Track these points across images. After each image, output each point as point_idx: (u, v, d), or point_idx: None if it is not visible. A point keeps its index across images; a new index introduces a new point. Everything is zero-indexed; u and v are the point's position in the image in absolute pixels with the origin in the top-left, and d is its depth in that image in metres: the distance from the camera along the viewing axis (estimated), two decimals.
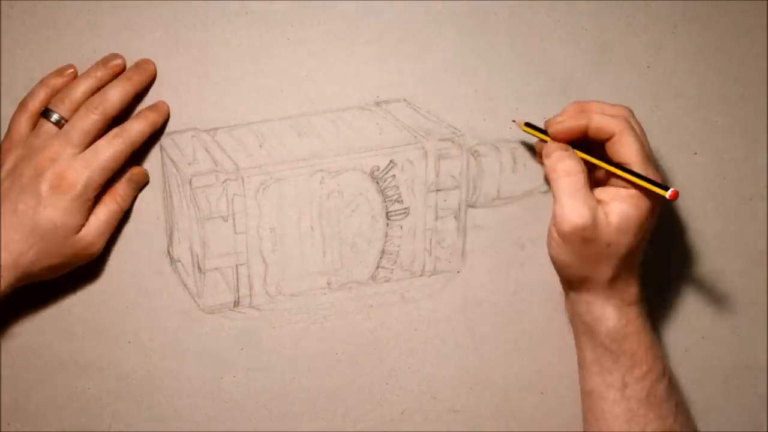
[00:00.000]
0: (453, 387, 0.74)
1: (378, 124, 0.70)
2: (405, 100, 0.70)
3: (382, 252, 0.72)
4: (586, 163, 0.65)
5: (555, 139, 0.65)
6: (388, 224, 0.71)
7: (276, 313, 0.72)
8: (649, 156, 0.63)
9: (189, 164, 0.68)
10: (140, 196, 0.69)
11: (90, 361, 0.71)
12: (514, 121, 0.70)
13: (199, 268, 0.69)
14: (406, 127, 0.70)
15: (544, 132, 0.67)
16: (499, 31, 0.70)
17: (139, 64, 0.67)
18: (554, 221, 0.64)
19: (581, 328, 0.68)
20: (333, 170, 0.69)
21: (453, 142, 0.71)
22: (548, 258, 0.68)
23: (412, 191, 0.71)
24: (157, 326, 0.71)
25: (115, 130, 0.65)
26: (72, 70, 0.66)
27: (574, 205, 0.62)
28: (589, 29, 0.71)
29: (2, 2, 0.67)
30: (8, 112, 0.67)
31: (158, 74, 0.68)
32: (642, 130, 0.65)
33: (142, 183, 0.68)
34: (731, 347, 0.77)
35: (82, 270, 0.69)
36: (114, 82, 0.66)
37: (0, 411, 0.71)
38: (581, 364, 0.69)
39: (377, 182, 0.70)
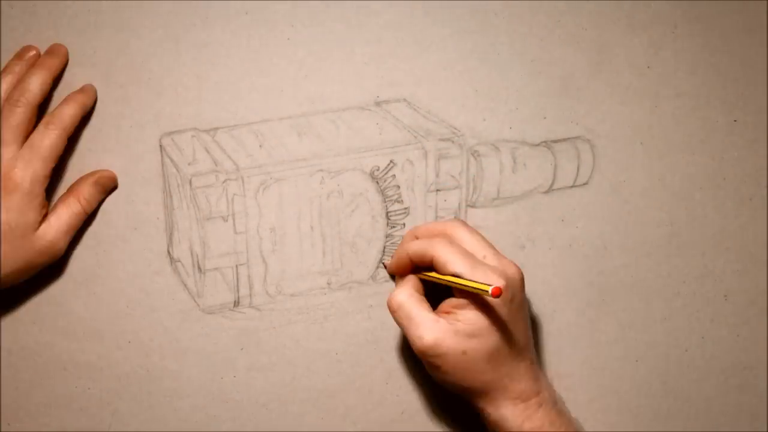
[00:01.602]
0: None
1: (378, 124, 0.70)
2: (405, 100, 0.70)
3: (382, 252, 0.72)
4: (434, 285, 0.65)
5: (394, 274, 0.69)
6: (388, 224, 0.71)
7: (276, 313, 0.72)
8: (472, 260, 0.62)
9: (189, 164, 0.68)
10: (140, 196, 0.69)
11: (90, 361, 0.71)
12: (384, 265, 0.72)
13: (199, 268, 0.69)
14: (406, 127, 0.70)
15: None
16: (499, 31, 0.70)
17: (51, 49, 0.66)
18: (416, 351, 0.64)
19: (487, 428, 0.67)
20: (333, 170, 0.69)
21: (453, 142, 0.71)
22: (548, 258, 0.68)
23: (412, 191, 0.71)
24: (157, 326, 0.71)
25: (46, 118, 0.65)
26: None
27: (411, 332, 0.63)
28: (589, 29, 0.71)
29: (2, 2, 0.67)
30: None
31: (159, 74, 0.68)
32: (471, 233, 0.65)
33: (110, 187, 0.68)
34: (731, 347, 0.77)
35: (82, 270, 0.69)
36: (30, 72, 0.65)
37: (0, 411, 0.71)
38: None
39: (377, 182, 0.70)
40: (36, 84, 0.65)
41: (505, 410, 0.64)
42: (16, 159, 0.63)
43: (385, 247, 0.72)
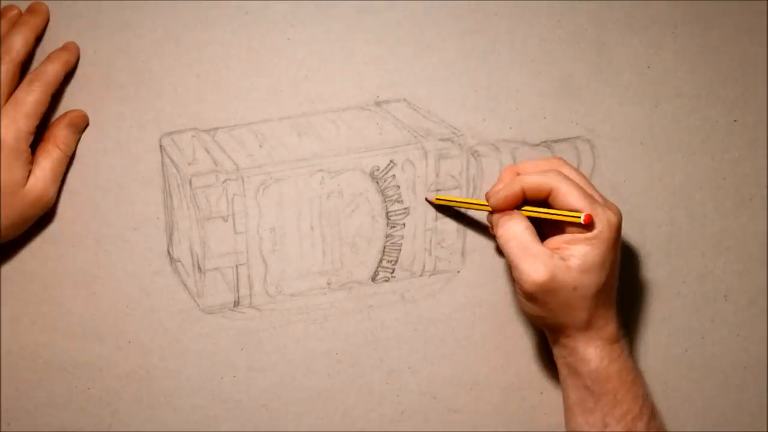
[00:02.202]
0: (453, 387, 0.74)
1: (378, 124, 0.70)
2: (405, 100, 0.70)
3: (382, 252, 0.72)
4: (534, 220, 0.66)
5: (497, 210, 0.66)
6: (388, 224, 0.71)
7: (276, 313, 0.72)
8: (590, 196, 0.64)
9: (189, 164, 0.68)
10: (140, 196, 0.69)
11: (90, 361, 0.71)
12: (426, 199, 0.71)
13: (199, 268, 0.69)
14: (406, 127, 0.70)
15: (455, 201, 0.70)
16: (499, 31, 0.70)
17: (32, 8, 0.67)
18: (517, 284, 0.65)
19: (565, 370, 0.68)
20: (333, 170, 0.69)
21: (453, 142, 0.71)
22: None
23: (412, 191, 0.71)
24: (157, 326, 0.71)
25: (30, 76, 0.65)
26: None
27: (526, 264, 0.63)
28: (589, 29, 0.71)
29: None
30: None
31: (159, 74, 0.68)
32: (577, 172, 0.66)
33: (82, 126, 0.68)
34: (731, 347, 0.77)
35: (82, 270, 0.69)
36: (12, 30, 0.65)
37: (0, 411, 0.71)
38: (566, 405, 0.69)
39: (377, 182, 0.70)
40: (19, 42, 0.65)
41: (594, 349, 0.65)
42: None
43: (385, 247, 0.72)
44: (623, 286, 0.75)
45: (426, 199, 0.71)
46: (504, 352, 0.74)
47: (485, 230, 0.72)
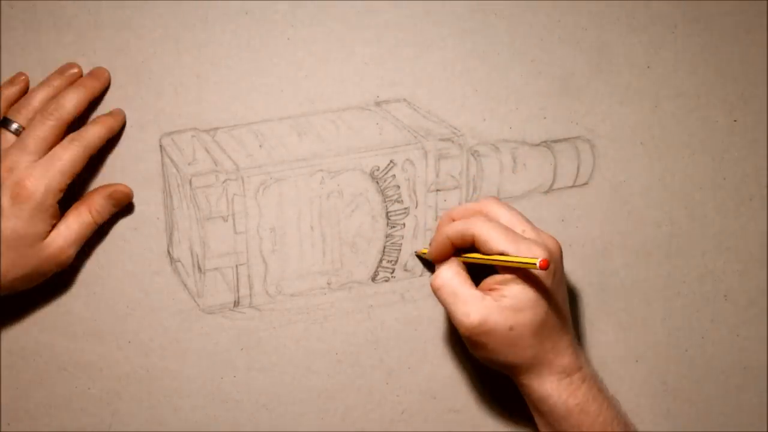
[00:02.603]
0: (453, 387, 0.74)
1: (378, 124, 0.70)
2: (405, 100, 0.70)
3: (382, 252, 0.72)
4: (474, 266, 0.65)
5: (435, 261, 0.67)
6: (388, 224, 0.71)
7: (276, 313, 0.72)
8: (513, 235, 0.63)
9: (189, 164, 0.68)
10: (141, 196, 0.69)
11: (90, 361, 0.71)
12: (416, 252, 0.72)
13: (199, 268, 0.69)
14: (406, 127, 0.70)
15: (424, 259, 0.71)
16: (499, 31, 0.70)
17: (94, 72, 0.67)
18: (457, 328, 0.64)
19: (530, 406, 0.67)
20: (333, 170, 0.69)
21: (453, 142, 0.71)
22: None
23: (412, 191, 0.71)
24: (157, 326, 0.71)
25: (72, 135, 0.65)
26: (24, 77, 0.67)
27: (457, 309, 0.63)
28: (589, 29, 0.71)
29: (2, 2, 0.67)
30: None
31: (159, 74, 0.68)
32: (507, 208, 0.66)
33: (123, 203, 0.68)
34: (731, 347, 0.77)
35: (82, 270, 0.69)
36: (69, 89, 0.66)
37: (0, 411, 0.71)
38: None
39: (377, 182, 0.70)
40: (71, 102, 0.65)
41: (549, 385, 0.64)
42: (33, 168, 0.63)
43: (385, 247, 0.72)
44: (623, 286, 0.75)
45: (414, 253, 0.72)
46: None
47: None
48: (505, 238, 0.62)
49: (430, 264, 0.72)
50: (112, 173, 0.69)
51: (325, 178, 0.69)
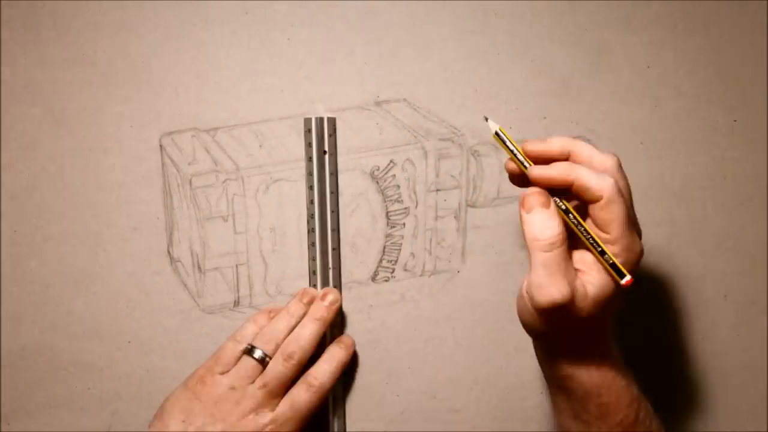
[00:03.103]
0: (453, 387, 0.74)
1: (378, 124, 0.70)
2: (405, 100, 0.70)
3: (382, 252, 0.72)
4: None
5: (536, 183, 0.59)
6: (388, 224, 0.71)
7: None
8: (629, 226, 0.58)
9: (189, 164, 0.68)
10: (140, 196, 0.69)
11: (90, 361, 0.71)
12: (486, 118, 0.61)
13: (199, 268, 0.69)
14: (406, 127, 0.70)
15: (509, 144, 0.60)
16: (499, 31, 0.70)
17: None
18: (529, 290, 0.58)
19: (553, 381, 0.64)
20: (333, 170, 0.69)
21: (453, 142, 0.71)
22: None
23: (412, 191, 0.71)
24: (157, 326, 0.71)
25: (310, 380, 0.68)
26: (275, 311, 0.70)
27: (553, 281, 0.57)
28: (589, 29, 0.71)
29: (2, 2, 0.67)
30: (8, 111, 0.67)
31: (159, 74, 0.68)
32: (627, 185, 0.59)
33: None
34: (731, 347, 0.77)
35: (82, 270, 0.69)
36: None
37: (0, 411, 0.71)
38: (556, 407, 0.66)
39: (377, 182, 0.70)
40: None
41: (587, 367, 0.61)
42: (277, 418, 0.66)
43: (385, 247, 0.72)
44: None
45: (485, 118, 0.62)
46: (504, 352, 0.74)
47: (485, 230, 0.72)
48: (625, 227, 0.57)
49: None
50: (112, 173, 0.69)
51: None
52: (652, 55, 0.72)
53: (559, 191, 0.58)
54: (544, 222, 0.58)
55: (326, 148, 0.68)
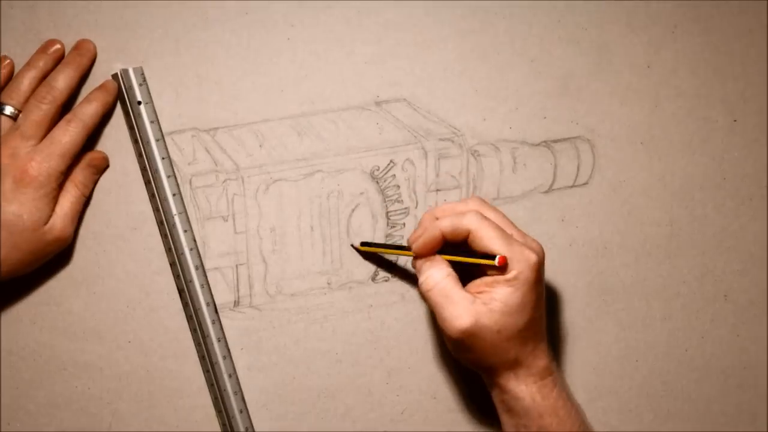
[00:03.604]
0: (453, 387, 0.74)
1: (378, 124, 0.70)
2: (405, 100, 0.70)
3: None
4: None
5: (419, 256, 0.66)
6: (388, 224, 0.71)
7: (276, 313, 0.72)
8: (508, 237, 0.63)
9: (189, 164, 0.68)
10: (140, 196, 0.69)
11: (90, 361, 0.71)
12: (352, 245, 0.71)
13: None
14: (406, 127, 0.70)
15: (380, 246, 0.70)
16: (499, 31, 0.70)
17: (79, 46, 0.67)
18: (442, 331, 0.64)
19: (500, 408, 0.68)
20: (333, 170, 0.69)
21: (453, 142, 0.71)
22: (548, 258, 0.68)
23: (412, 191, 0.71)
24: (157, 326, 0.71)
25: (68, 116, 0.65)
26: (9, 61, 0.66)
27: (449, 312, 0.63)
28: (589, 29, 0.71)
29: (2, 2, 0.67)
30: None
31: (159, 74, 0.68)
32: (495, 211, 0.66)
33: (102, 167, 0.68)
34: (731, 347, 0.77)
35: (82, 270, 0.69)
36: (58, 69, 0.66)
37: (0, 411, 0.71)
38: (503, 429, 0.69)
39: (377, 182, 0.70)
40: (63, 82, 0.65)
41: (525, 386, 0.65)
42: (34, 152, 0.64)
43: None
44: (623, 286, 0.75)
45: (351, 245, 0.71)
46: None
47: None
48: (501, 238, 0.63)
49: (369, 256, 0.71)
50: (112, 173, 0.68)
51: (325, 178, 0.69)
52: (652, 55, 0.72)
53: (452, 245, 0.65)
54: (423, 270, 0.65)
55: (139, 98, 0.66)
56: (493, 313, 0.63)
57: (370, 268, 0.72)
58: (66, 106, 0.66)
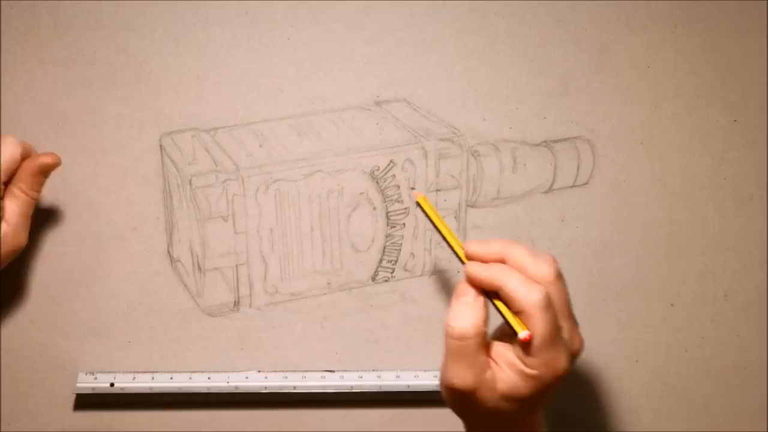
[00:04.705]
0: None
1: (378, 124, 0.70)
2: (405, 100, 0.70)
3: (382, 252, 0.72)
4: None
5: (469, 281, 0.58)
6: (388, 224, 0.71)
7: (276, 313, 0.72)
8: (553, 343, 0.56)
9: (189, 164, 0.68)
10: (140, 196, 0.69)
11: (90, 361, 0.71)
12: (413, 188, 0.68)
13: (199, 268, 0.69)
14: (406, 127, 0.70)
15: (438, 219, 0.63)
16: (499, 31, 0.70)
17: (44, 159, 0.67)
18: (440, 371, 0.59)
19: None
20: (333, 170, 0.69)
21: (453, 142, 0.71)
22: None
23: (412, 191, 0.71)
24: (157, 326, 0.71)
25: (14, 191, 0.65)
26: None
27: (456, 367, 0.57)
28: (589, 29, 0.71)
29: (2, 2, 0.67)
30: (8, 111, 0.67)
31: (159, 74, 0.68)
32: (564, 292, 0.59)
33: (52, 169, 0.66)
34: (731, 347, 0.77)
35: (82, 270, 0.69)
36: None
37: (0, 411, 0.71)
38: None
39: (377, 182, 0.70)
40: (10, 156, 0.65)
41: None
42: None
43: (385, 247, 0.72)
44: (623, 286, 0.75)
45: (412, 189, 0.68)
46: None
47: (485, 230, 0.72)
48: (547, 334, 0.56)
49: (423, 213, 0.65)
50: (112, 173, 0.69)
51: (325, 178, 0.69)
52: (652, 55, 0.72)
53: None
54: (461, 312, 0.58)
55: None
56: (494, 392, 0.57)
57: (370, 268, 0.72)
58: None
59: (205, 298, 0.70)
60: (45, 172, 0.66)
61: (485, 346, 0.58)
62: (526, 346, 0.56)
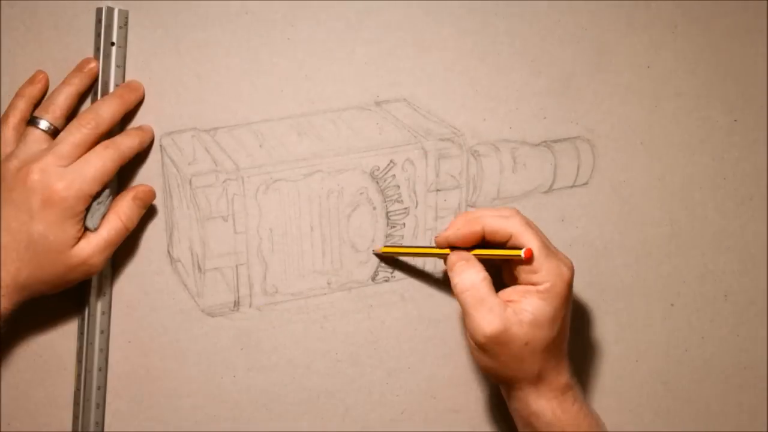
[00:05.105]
0: (453, 387, 0.74)
1: (378, 124, 0.70)
2: (405, 100, 0.70)
3: None
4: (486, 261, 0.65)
5: (455, 245, 0.65)
6: (388, 224, 0.71)
7: (276, 313, 0.72)
8: (547, 247, 0.63)
9: (189, 164, 0.68)
10: None
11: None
12: (374, 251, 0.71)
13: (199, 268, 0.70)
14: (406, 127, 0.70)
15: (402, 248, 0.70)
16: (499, 31, 0.70)
17: (130, 84, 0.67)
18: (468, 333, 0.64)
19: (520, 421, 0.67)
20: (333, 170, 0.69)
21: (453, 142, 0.71)
22: None
23: (412, 191, 0.71)
24: (157, 326, 0.71)
25: (106, 142, 0.65)
26: (43, 75, 0.67)
27: (480, 315, 0.62)
28: (589, 29, 0.71)
29: (2, 2, 0.67)
30: None
31: (158, 74, 0.68)
32: (535, 225, 0.65)
33: (149, 202, 0.68)
34: (731, 347, 0.77)
35: None
36: (105, 98, 0.66)
37: (0, 411, 0.71)
38: None
39: (377, 182, 0.70)
40: (108, 112, 0.65)
41: (546, 402, 0.65)
42: (66, 172, 0.63)
43: None
44: (623, 286, 0.75)
45: (373, 252, 0.71)
46: None
47: None
48: (539, 246, 0.62)
49: (389, 261, 0.71)
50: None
51: (325, 177, 0.69)
52: (652, 55, 0.72)
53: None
54: (461, 270, 0.64)
55: (114, 40, 0.66)
56: (522, 325, 0.62)
57: (370, 268, 0.72)
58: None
59: (205, 298, 0.70)
60: (142, 200, 0.67)
61: (495, 292, 0.63)
62: (530, 260, 0.62)
